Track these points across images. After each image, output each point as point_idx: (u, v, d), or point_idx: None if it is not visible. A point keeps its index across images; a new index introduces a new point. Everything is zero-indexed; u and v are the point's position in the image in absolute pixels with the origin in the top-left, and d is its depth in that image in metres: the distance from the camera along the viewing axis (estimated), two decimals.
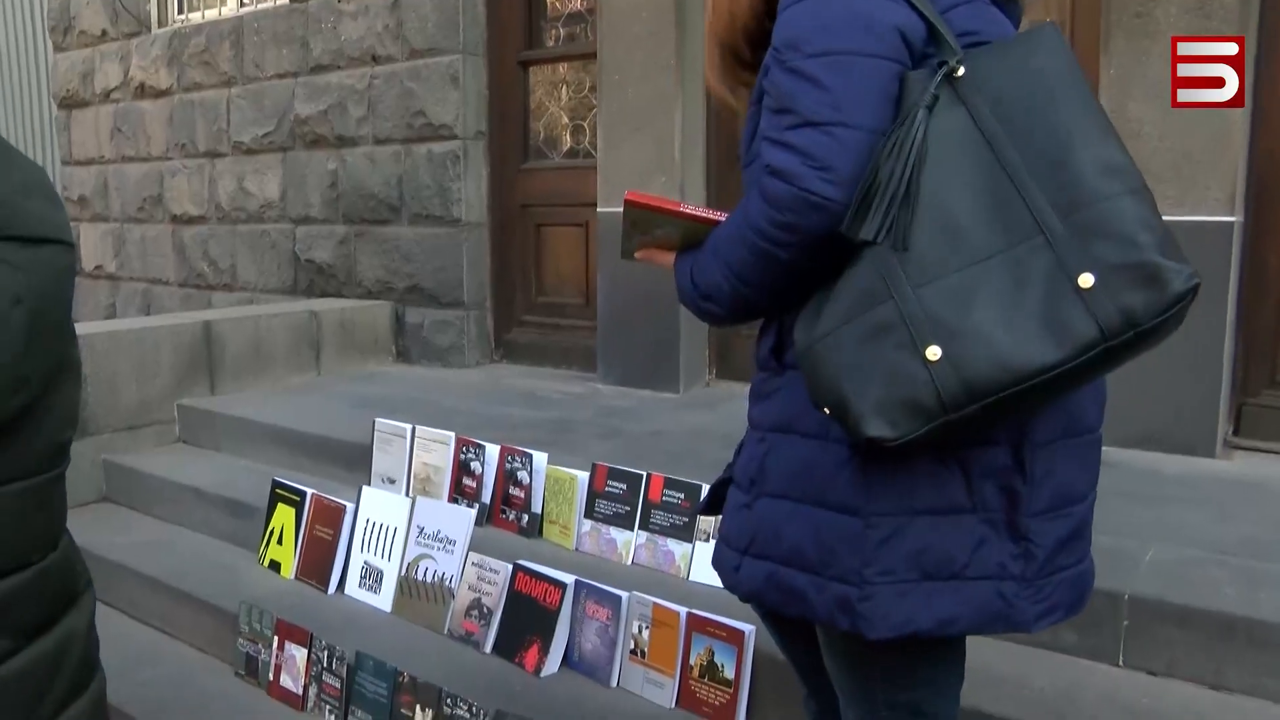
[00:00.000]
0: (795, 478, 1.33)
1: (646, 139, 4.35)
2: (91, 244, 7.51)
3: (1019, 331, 1.12)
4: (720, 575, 1.46)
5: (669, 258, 1.48)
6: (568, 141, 5.11)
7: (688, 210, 1.43)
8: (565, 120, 5.12)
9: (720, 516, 1.50)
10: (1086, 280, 1.10)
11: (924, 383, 1.14)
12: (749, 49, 1.46)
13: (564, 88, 5.14)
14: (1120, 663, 2.25)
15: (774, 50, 1.29)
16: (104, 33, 7.16)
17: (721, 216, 1.39)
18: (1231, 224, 3.19)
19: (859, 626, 1.28)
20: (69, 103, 7.59)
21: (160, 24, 6.87)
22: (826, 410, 1.22)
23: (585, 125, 4.99)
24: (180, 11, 6.82)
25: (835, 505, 1.29)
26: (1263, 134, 3.28)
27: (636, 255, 1.54)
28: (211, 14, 6.55)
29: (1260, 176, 3.30)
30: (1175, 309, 1.09)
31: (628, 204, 1.44)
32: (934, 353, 1.14)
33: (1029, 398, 1.14)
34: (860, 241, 1.19)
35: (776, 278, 1.30)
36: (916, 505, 1.26)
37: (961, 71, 1.20)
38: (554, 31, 5.14)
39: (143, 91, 6.89)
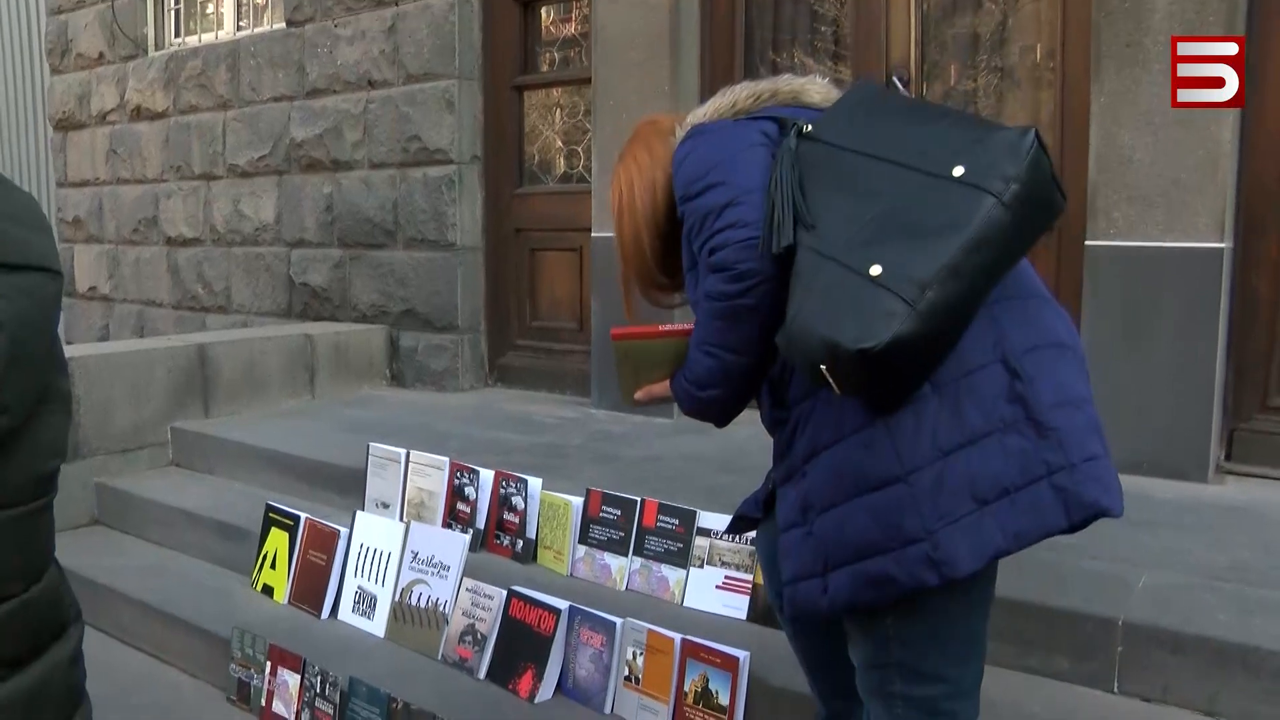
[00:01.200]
0: (835, 484, 1.47)
1: None
2: (86, 265, 7.52)
3: (933, 226, 1.33)
4: (809, 609, 1.54)
5: (665, 388, 1.71)
6: (561, 166, 5.14)
7: (665, 329, 1.69)
8: (559, 144, 5.15)
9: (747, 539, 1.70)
10: (959, 170, 1.35)
11: (882, 293, 1.31)
12: (665, 274, 1.76)
13: (558, 111, 5.17)
14: (1115, 689, 2.25)
15: (681, 198, 1.60)
16: (101, 55, 7.20)
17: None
18: (1221, 250, 3.21)
19: (945, 574, 1.39)
20: (65, 125, 7.61)
21: (157, 47, 6.91)
22: (824, 368, 1.35)
23: (579, 150, 5.02)
24: (177, 35, 6.86)
25: (877, 483, 1.42)
26: (1250, 162, 3.31)
27: (637, 396, 1.76)
28: (208, 37, 6.59)
29: (1248, 203, 3.33)
30: (1031, 157, 1.33)
31: (615, 338, 1.70)
32: (876, 269, 1.32)
33: (972, 271, 1.32)
34: (787, 250, 1.43)
35: (752, 331, 1.52)
36: (944, 447, 1.40)
37: (809, 128, 1.53)
38: (548, 56, 5.17)
39: (139, 114, 6.91)
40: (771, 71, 4.08)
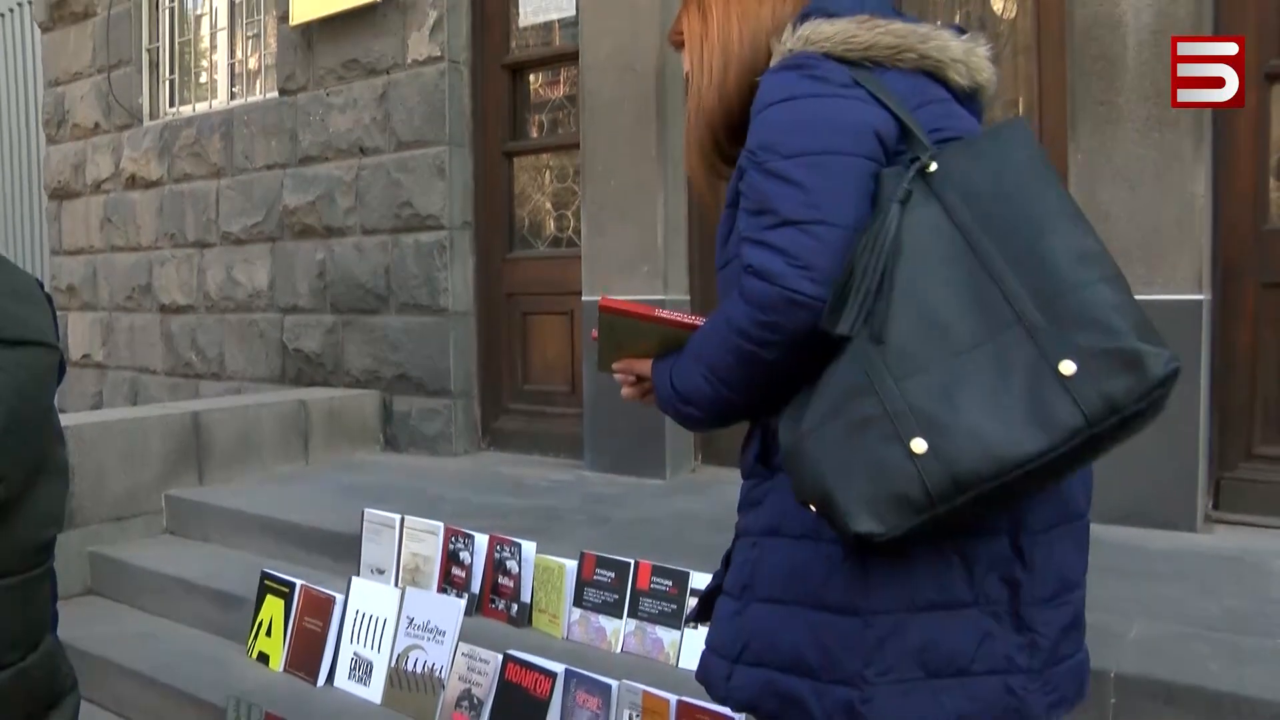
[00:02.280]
0: (788, 581, 1.30)
1: (630, 228, 4.43)
2: (79, 333, 7.55)
3: (1004, 421, 1.11)
4: (709, 687, 1.41)
5: (646, 366, 1.46)
6: (551, 229, 5.20)
7: (664, 315, 1.41)
8: (549, 207, 5.22)
9: (708, 626, 1.46)
10: (1068, 368, 1.10)
11: (910, 476, 1.12)
12: (728, 140, 1.47)
13: (547, 173, 5.25)
14: None
15: (749, 153, 1.29)
16: (97, 125, 7.30)
17: (698, 321, 1.38)
18: (1200, 302, 3.27)
19: None
20: (60, 193, 7.69)
21: (152, 116, 7.01)
22: (813, 507, 1.20)
23: (569, 214, 5.09)
24: (171, 104, 6.97)
25: (833, 606, 1.26)
26: (1224, 215, 3.39)
27: (614, 367, 1.51)
28: (202, 106, 6.69)
29: (1225, 255, 3.40)
30: (1157, 393, 1.09)
31: (602, 310, 1.41)
32: (919, 445, 1.12)
33: (1016, 487, 1.13)
34: (839, 337, 1.18)
35: (758, 379, 1.30)
36: (917, 601, 1.23)
37: (934, 167, 1.21)
38: (537, 119, 5.26)
39: (133, 182, 6.99)
40: None
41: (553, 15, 5.10)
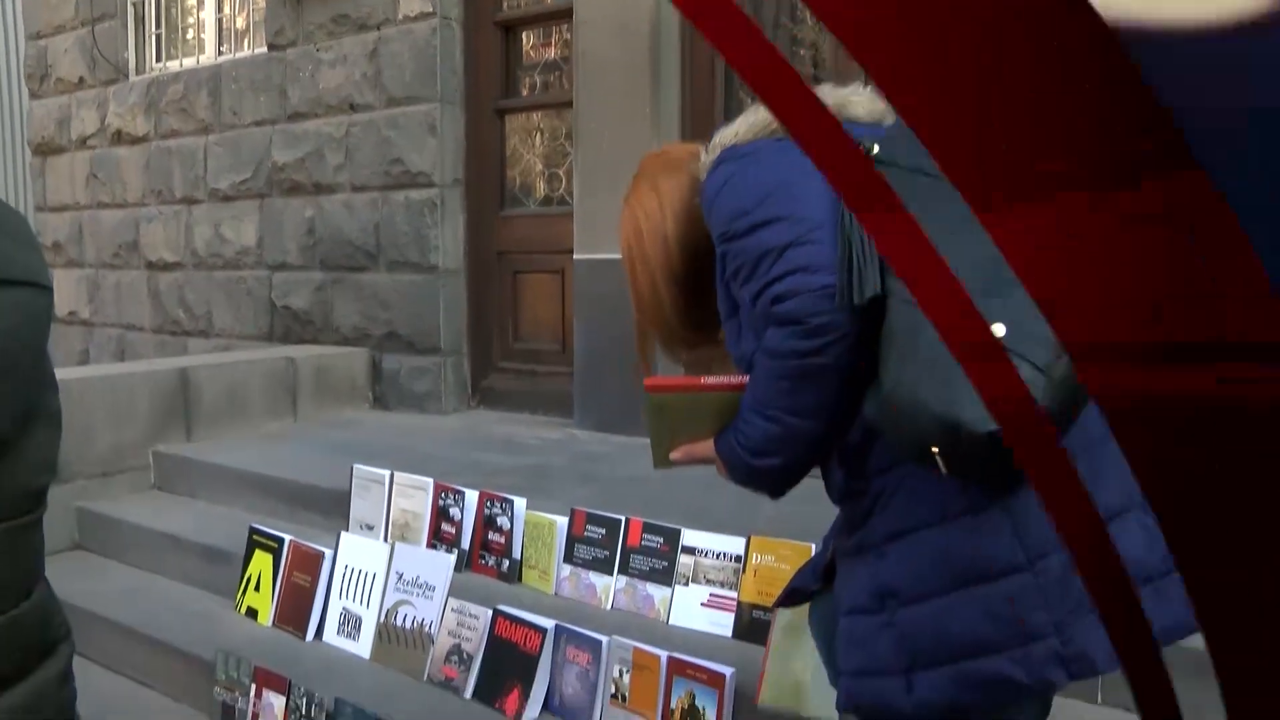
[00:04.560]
0: (934, 571, 1.29)
1: (622, 189, 4.36)
2: (66, 290, 7.48)
3: None
4: (883, 709, 1.35)
5: (707, 448, 1.47)
6: (543, 189, 5.17)
7: (710, 383, 1.41)
8: (540, 167, 5.18)
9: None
10: None
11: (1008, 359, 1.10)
12: (689, 327, 1.59)
13: (539, 135, 5.21)
14: (1098, 700, 2.27)
15: (721, 236, 1.38)
16: (81, 80, 7.20)
17: (745, 381, 1.39)
18: None
19: (1076, 671, 1.23)
20: (44, 149, 7.60)
21: (138, 71, 6.92)
22: (934, 449, 1.18)
23: (560, 173, 5.05)
24: (158, 59, 6.87)
25: (994, 573, 1.25)
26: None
27: (674, 457, 1.52)
28: (189, 62, 6.60)
29: None
30: None
31: (649, 390, 1.43)
32: (999, 330, 1.08)
33: None
34: (872, 304, 1.22)
35: (827, 392, 1.31)
36: None
37: (876, 149, 1.28)
38: (529, 79, 5.21)
39: (119, 138, 6.91)
40: (753, 99, 4.12)
41: None
